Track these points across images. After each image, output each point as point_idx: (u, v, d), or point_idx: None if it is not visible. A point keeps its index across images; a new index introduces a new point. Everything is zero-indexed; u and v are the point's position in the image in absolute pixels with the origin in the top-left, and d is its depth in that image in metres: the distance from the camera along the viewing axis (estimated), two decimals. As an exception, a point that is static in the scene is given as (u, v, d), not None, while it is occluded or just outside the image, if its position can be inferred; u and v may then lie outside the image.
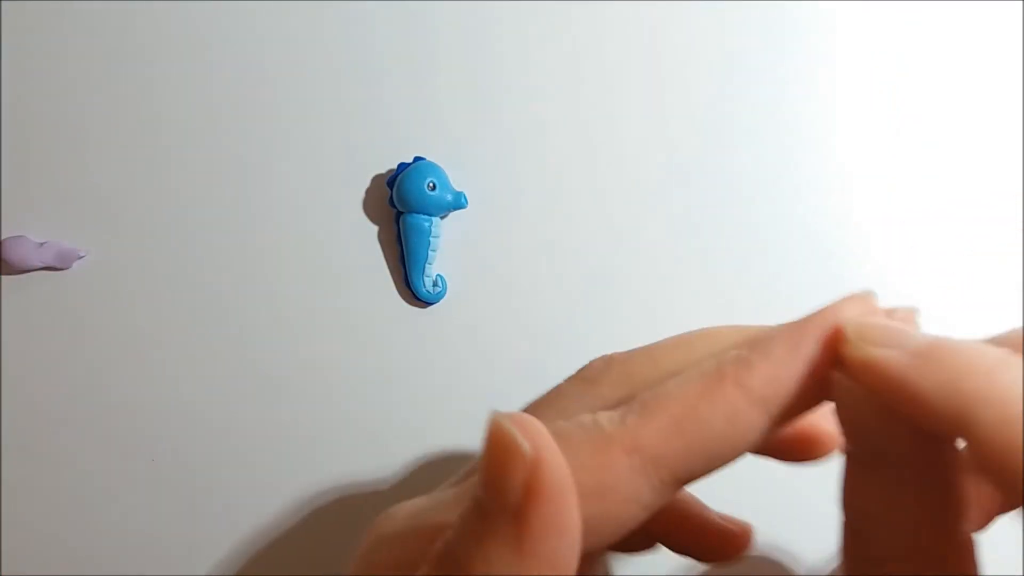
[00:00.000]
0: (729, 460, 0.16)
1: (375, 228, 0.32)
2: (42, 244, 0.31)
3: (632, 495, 0.16)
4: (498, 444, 0.14)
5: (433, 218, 0.31)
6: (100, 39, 0.32)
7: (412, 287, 0.31)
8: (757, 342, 0.16)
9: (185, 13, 0.32)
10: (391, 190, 0.31)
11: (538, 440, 0.14)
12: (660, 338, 0.19)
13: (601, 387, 0.19)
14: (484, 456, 0.15)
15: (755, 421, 0.15)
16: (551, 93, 0.32)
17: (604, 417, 0.16)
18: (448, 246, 0.32)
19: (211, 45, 0.32)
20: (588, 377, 0.19)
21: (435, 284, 0.32)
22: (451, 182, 0.31)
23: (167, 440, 0.31)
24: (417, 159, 0.31)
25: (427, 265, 0.31)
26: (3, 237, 0.31)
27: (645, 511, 0.16)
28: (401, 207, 0.31)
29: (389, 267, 0.32)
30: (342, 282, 0.32)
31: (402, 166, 0.31)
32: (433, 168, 0.31)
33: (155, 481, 0.31)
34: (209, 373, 0.32)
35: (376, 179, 0.32)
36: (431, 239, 0.31)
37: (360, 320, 0.32)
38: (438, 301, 0.32)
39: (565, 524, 0.14)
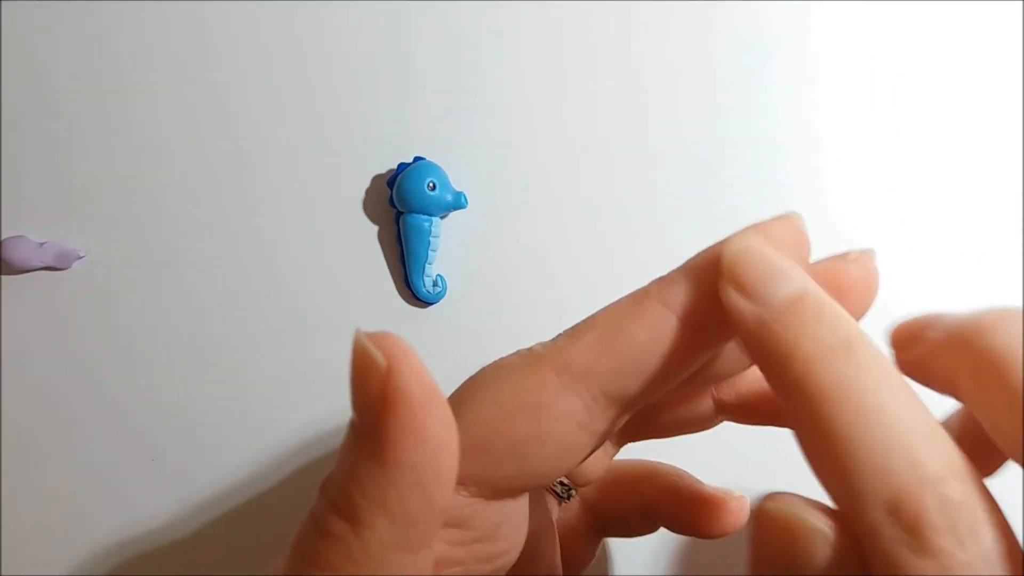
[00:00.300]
0: (660, 378, 0.16)
1: (375, 228, 0.32)
2: (42, 244, 0.31)
3: (565, 412, 0.16)
4: (357, 361, 0.15)
5: (433, 218, 0.31)
6: (100, 39, 0.32)
7: (412, 287, 0.31)
8: (684, 264, 0.16)
9: (185, 14, 0.32)
10: (391, 190, 0.31)
11: (392, 351, 0.14)
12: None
13: None
14: (350, 376, 0.15)
15: (677, 332, 0.15)
16: (552, 94, 0.32)
17: (538, 344, 0.17)
18: (448, 246, 0.32)
19: (212, 46, 0.32)
20: None
21: (435, 284, 0.32)
22: (451, 182, 0.31)
23: (167, 440, 0.31)
24: (417, 159, 0.31)
25: (427, 265, 0.31)
26: (3, 237, 0.31)
27: (585, 432, 0.16)
28: (401, 207, 0.31)
29: (389, 267, 0.32)
30: (342, 282, 0.32)
31: (402, 166, 0.31)
32: (433, 168, 0.31)
33: (155, 481, 0.31)
34: (209, 373, 0.32)
35: (376, 179, 0.32)
36: (431, 239, 0.31)
37: (360, 320, 0.32)
38: (438, 301, 0.32)
39: (425, 431, 0.14)
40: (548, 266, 0.32)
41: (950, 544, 0.13)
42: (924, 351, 0.16)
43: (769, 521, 0.15)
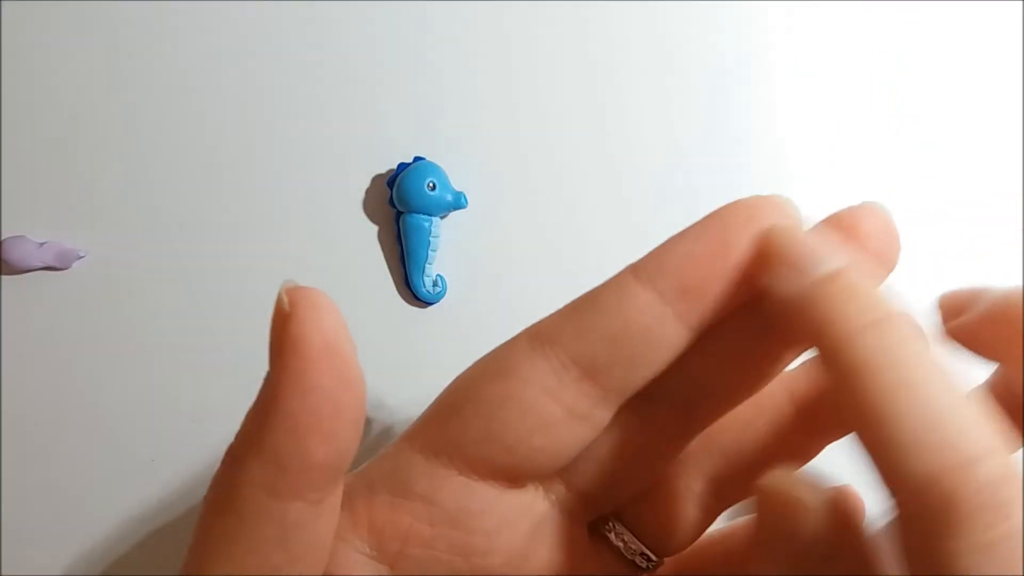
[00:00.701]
0: (636, 349, 0.16)
1: (375, 228, 0.32)
2: (42, 244, 0.31)
3: (533, 375, 0.16)
4: (274, 311, 0.15)
5: (433, 218, 0.31)
6: (100, 39, 0.32)
7: (412, 287, 0.31)
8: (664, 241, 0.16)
9: (185, 13, 0.32)
10: (391, 190, 0.31)
11: (300, 301, 0.14)
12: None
13: None
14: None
15: (646, 299, 0.15)
16: (552, 93, 0.32)
17: None
18: (448, 246, 0.32)
19: (211, 46, 0.32)
20: None
21: (435, 284, 0.32)
22: (451, 182, 0.31)
23: (167, 440, 0.31)
24: (417, 159, 0.31)
25: (427, 265, 0.31)
26: (3, 237, 0.31)
27: (558, 405, 0.16)
28: (401, 207, 0.31)
29: (389, 267, 0.32)
30: (342, 282, 0.32)
31: (402, 166, 0.31)
32: (433, 168, 0.31)
33: (155, 481, 0.31)
34: (209, 373, 0.32)
35: (376, 179, 0.32)
36: (431, 239, 0.31)
37: (360, 320, 0.32)
38: (438, 301, 0.32)
39: (308, 381, 0.14)
40: (548, 266, 0.32)
41: (981, 525, 0.13)
42: (970, 321, 0.17)
43: (763, 496, 0.15)
